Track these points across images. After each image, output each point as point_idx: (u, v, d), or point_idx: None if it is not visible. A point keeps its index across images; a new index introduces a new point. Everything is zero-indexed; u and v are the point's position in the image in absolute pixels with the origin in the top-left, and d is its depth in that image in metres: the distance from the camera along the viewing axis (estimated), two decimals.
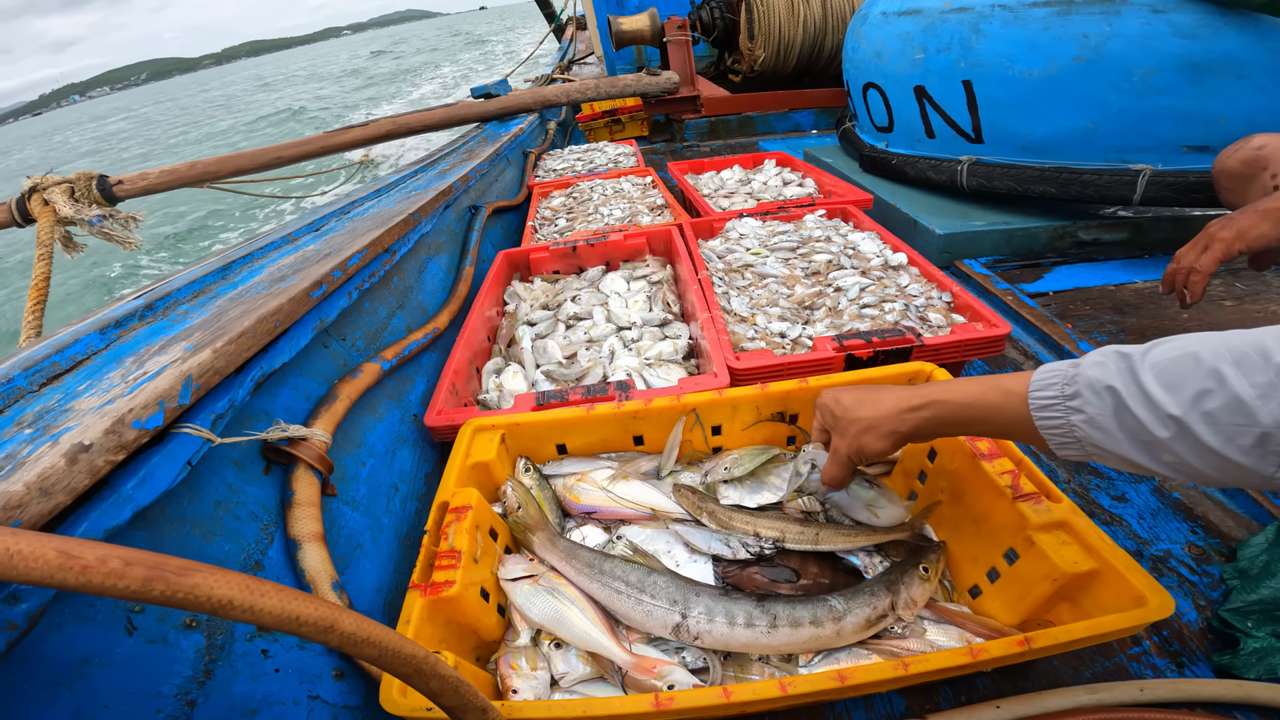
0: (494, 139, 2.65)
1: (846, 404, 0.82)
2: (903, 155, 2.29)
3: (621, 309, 1.49)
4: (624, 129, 4.13)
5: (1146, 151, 1.75)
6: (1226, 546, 0.99)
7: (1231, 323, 1.46)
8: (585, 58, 6.90)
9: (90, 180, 2.52)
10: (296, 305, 0.89)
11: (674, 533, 0.96)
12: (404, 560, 0.99)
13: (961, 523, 0.91)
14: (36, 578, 0.36)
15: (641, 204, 2.12)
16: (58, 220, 2.40)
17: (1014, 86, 1.88)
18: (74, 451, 0.51)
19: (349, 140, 2.93)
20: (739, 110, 4.04)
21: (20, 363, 0.75)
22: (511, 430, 1.03)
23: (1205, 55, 1.63)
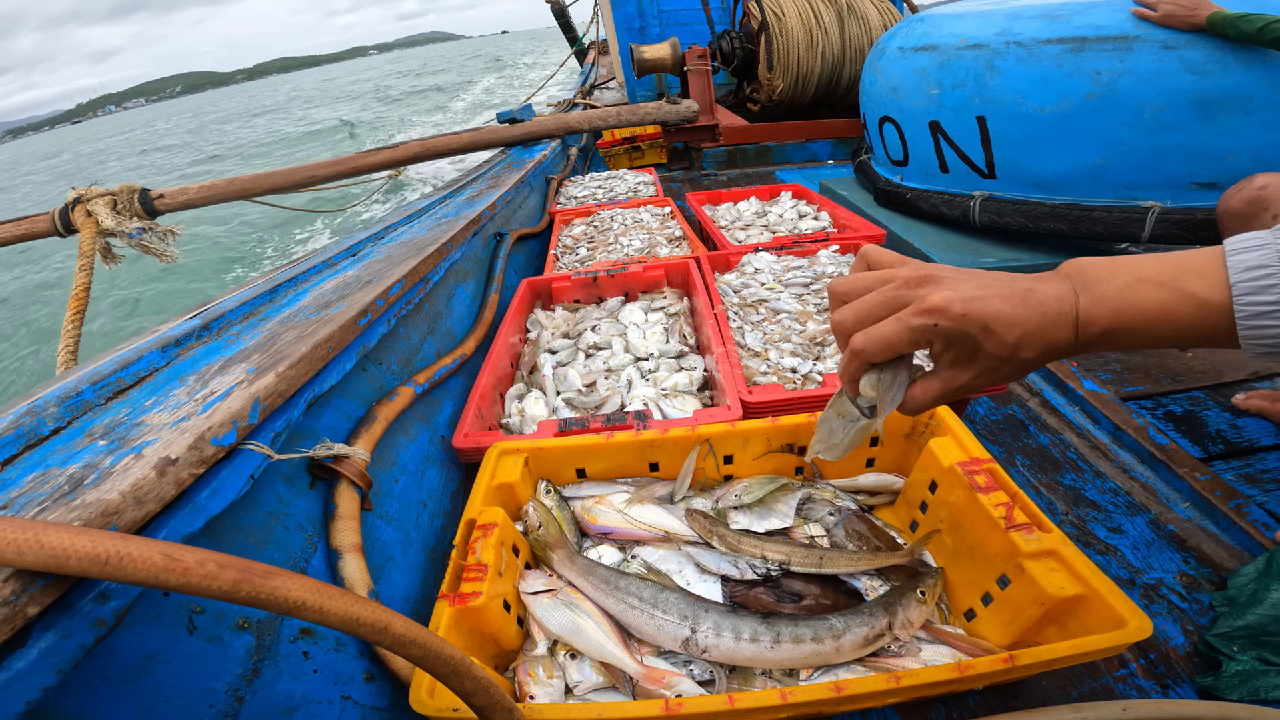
0: (519, 165, 2.73)
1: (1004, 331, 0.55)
2: (917, 190, 2.34)
3: (640, 340, 1.55)
4: (643, 156, 4.21)
5: (1156, 188, 1.80)
6: (1217, 576, 1.03)
7: (1237, 362, 1.51)
8: (607, 82, 7.03)
9: (133, 193, 2.60)
10: (346, 333, 0.96)
11: (685, 554, 1.02)
12: (429, 572, 1.06)
13: (959, 550, 0.96)
14: (143, 578, 0.42)
15: (660, 235, 2.19)
16: (99, 232, 2.47)
17: (1027, 123, 1.92)
18: (162, 465, 0.58)
19: (379, 161, 3.03)
20: (756, 140, 4.11)
21: (89, 377, 0.82)
22: (534, 454, 1.10)
23: (1215, 91, 1.67)
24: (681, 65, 4.26)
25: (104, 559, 0.41)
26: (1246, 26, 1.59)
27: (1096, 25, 1.80)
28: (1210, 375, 1.47)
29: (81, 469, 0.62)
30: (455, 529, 1.15)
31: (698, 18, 5.25)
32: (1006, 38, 1.94)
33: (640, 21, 5.63)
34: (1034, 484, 1.24)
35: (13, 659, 0.47)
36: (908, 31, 2.32)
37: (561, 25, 10.13)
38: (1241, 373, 1.47)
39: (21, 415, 0.73)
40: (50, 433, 0.74)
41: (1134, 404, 1.39)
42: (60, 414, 0.76)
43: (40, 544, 0.41)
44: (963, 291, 0.56)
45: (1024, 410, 1.45)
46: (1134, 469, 1.25)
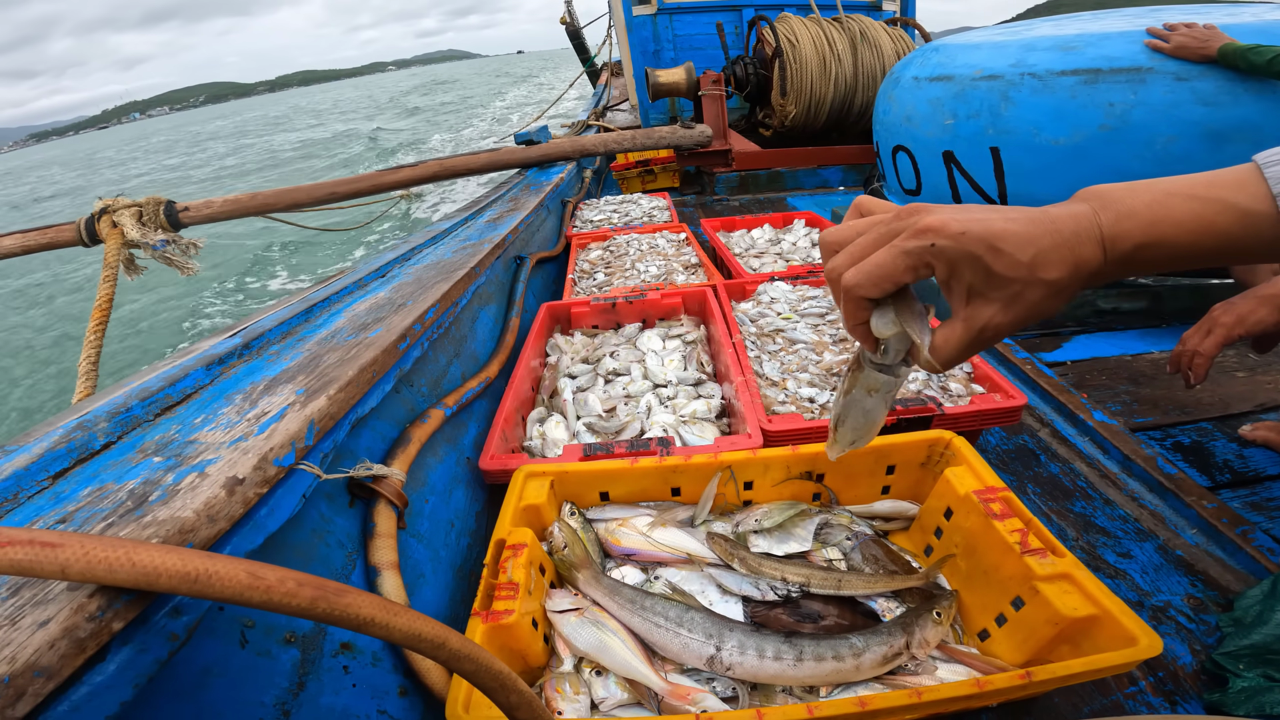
0: (536, 188, 2.79)
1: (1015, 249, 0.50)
2: None
3: (658, 367, 1.59)
4: (656, 179, 4.28)
5: None
6: (1224, 598, 1.06)
7: (1243, 394, 1.54)
8: (619, 104, 7.11)
9: (159, 205, 2.63)
10: (388, 357, 1.01)
11: (707, 575, 1.05)
12: (457, 590, 1.09)
13: (973, 574, 0.99)
14: (229, 595, 0.46)
15: (676, 261, 2.23)
16: (124, 243, 2.49)
17: (1041, 154, 1.94)
18: (230, 484, 0.62)
19: (399, 179, 3.09)
20: (769, 165, 4.17)
21: (137, 393, 0.86)
22: (560, 477, 1.13)
23: (1225, 122, 1.69)
24: (696, 90, 4.34)
25: (194, 577, 0.45)
26: (1257, 58, 1.61)
27: (1110, 57, 1.82)
28: (1218, 407, 1.50)
29: (142, 485, 0.65)
30: (480, 547, 1.19)
31: (712, 42, 5.35)
32: (1021, 69, 1.96)
33: (655, 45, 5.72)
34: (1045, 511, 1.27)
35: (92, 673, 0.49)
36: (922, 61, 2.35)
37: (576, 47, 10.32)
38: (1248, 405, 1.50)
39: (72, 429, 0.77)
40: (101, 447, 0.77)
41: (1143, 434, 1.43)
42: (110, 429, 0.80)
43: (132, 562, 0.44)
44: (961, 214, 0.51)
45: (1035, 440, 1.48)
46: (1143, 497, 1.27)
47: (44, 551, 0.41)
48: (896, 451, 1.14)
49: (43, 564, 0.41)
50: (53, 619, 0.46)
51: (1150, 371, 1.67)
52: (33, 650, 0.44)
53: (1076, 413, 1.48)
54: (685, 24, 5.67)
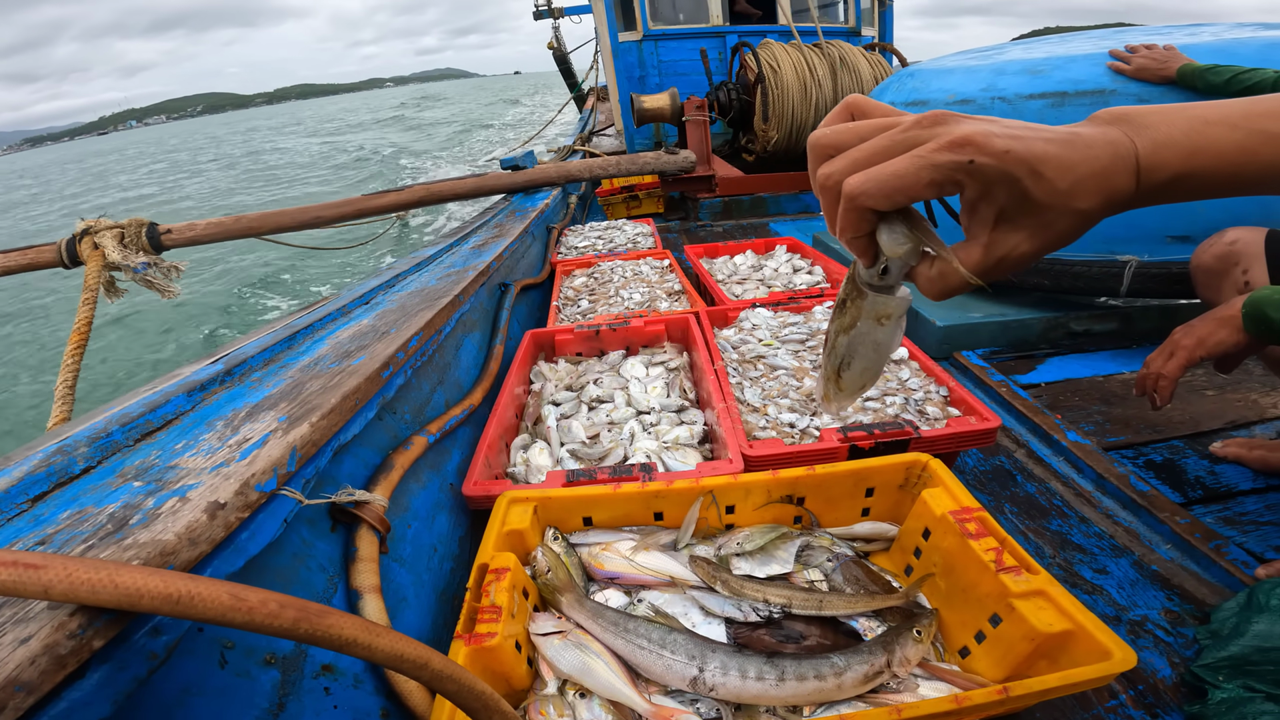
0: (522, 214, 2.81)
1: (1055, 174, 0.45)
2: None
3: (641, 394, 1.60)
4: (641, 205, 4.34)
5: (1133, 242, 1.85)
6: (1200, 611, 1.09)
7: (1214, 412, 1.57)
8: (605, 129, 7.19)
9: (141, 227, 2.61)
10: (370, 385, 1.02)
11: (690, 597, 1.06)
12: (440, 613, 1.09)
13: (952, 592, 1.00)
14: (212, 615, 0.46)
15: (660, 288, 2.26)
16: (104, 265, 2.46)
17: None
18: (212, 508, 0.63)
19: (384, 204, 3.10)
20: (752, 190, 4.23)
21: (118, 419, 0.86)
22: (543, 503, 1.14)
23: None
24: (680, 116, 4.40)
25: (175, 598, 0.45)
26: (1215, 78, 1.65)
27: (1076, 80, 1.86)
28: (1189, 425, 1.53)
29: (122, 509, 0.66)
30: (464, 572, 1.19)
31: (696, 68, 5.42)
32: (992, 93, 2.00)
33: (640, 71, 5.81)
34: (1022, 530, 1.29)
35: (71, 690, 0.50)
36: (898, 87, 2.39)
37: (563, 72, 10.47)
38: (1218, 422, 1.53)
39: (52, 454, 0.77)
40: (81, 471, 0.78)
41: (1116, 453, 1.45)
42: (90, 454, 0.80)
43: (115, 583, 0.45)
44: (998, 128, 0.45)
45: (1011, 461, 1.51)
46: (1117, 514, 1.30)
47: (27, 572, 0.42)
48: (875, 474, 1.16)
49: (26, 584, 0.42)
50: (34, 636, 0.46)
51: (1122, 392, 1.70)
52: (14, 666, 0.44)
53: (1051, 433, 1.51)
54: (670, 50, 5.78)
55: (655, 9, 5.69)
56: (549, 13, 9.48)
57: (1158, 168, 0.46)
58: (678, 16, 5.83)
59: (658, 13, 5.72)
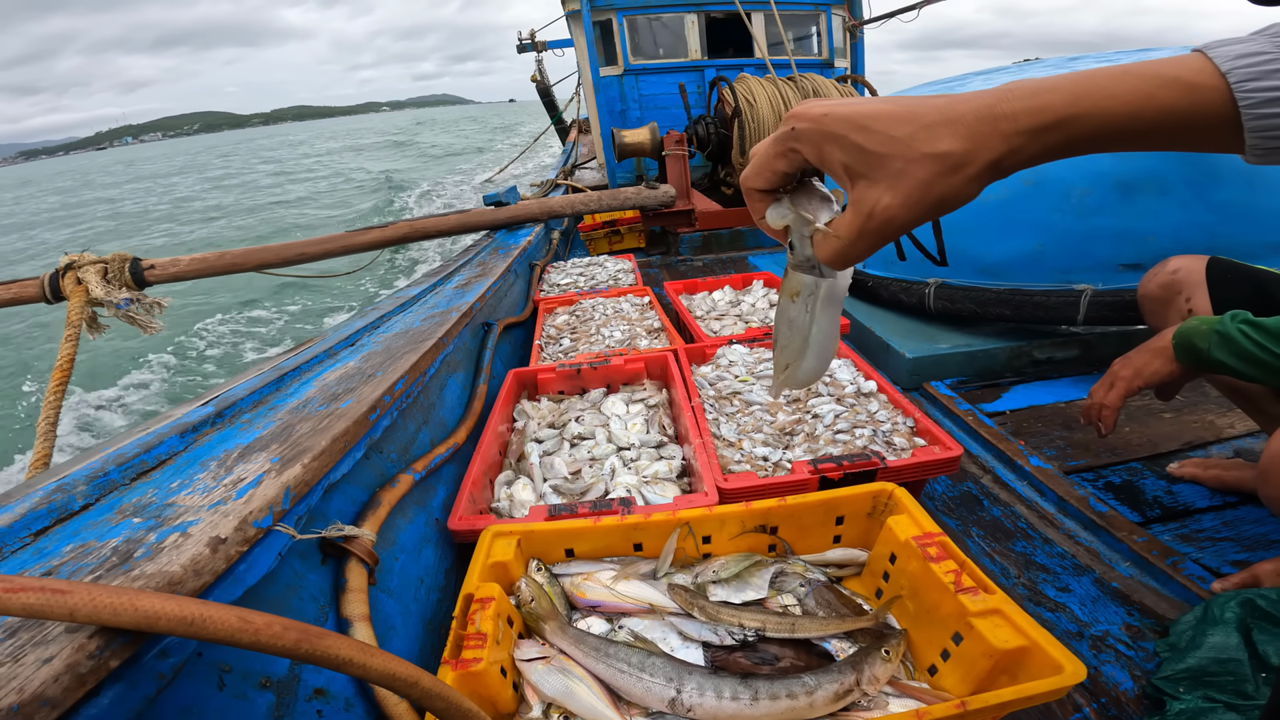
0: (505, 251, 2.86)
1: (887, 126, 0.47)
2: (877, 277, 2.48)
3: (621, 430, 1.65)
4: (622, 239, 4.42)
5: (1088, 271, 1.92)
6: (1160, 625, 1.14)
7: (1170, 434, 1.65)
8: (587, 162, 7.30)
9: (124, 262, 2.59)
10: (359, 428, 1.06)
11: (669, 623, 1.09)
12: (427, 641, 1.13)
13: (919, 613, 1.05)
14: (222, 636, 0.51)
15: (640, 326, 2.32)
16: (87, 300, 2.43)
17: (973, 210, 1.97)
18: (214, 543, 0.67)
19: (369, 241, 3.12)
20: (730, 224, 4.32)
21: (114, 459, 0.90)
22: (526, 536, 1.18)
23: (1132, 173, 1.79)
24: (660, 150, 4.49)
25: (190, 620, 0.50)
26: None
27: None
28: (1146, 447, 1.60)
29: (125, 543, 0.70)
30: (450, 602, 1.23)
31: (676, 102, 5.55)
32: None
33: (621, 105, 5.94)
34: (989, 552, 1.34)
35: (89, 706, 0.54)
36: None
37: (545, 104, 10.64)
38: (1175, 444, 1.60)
39: (52, 491, 0.81)
40: (80, 508, 0.82)
41: (1076, 476, 1.52)
42: (89, 491, 0.84)
43: (135, 607, 0.49)
44: (834, 101, 0.49)
45: (978, 486, 1.57)
46: (1078, 535, 1.36)
47: (54, 597, 0.46)
48: (844, 504, 1.21)
49: (53, 608, 0.46)
50: (56, 656, 0.50)
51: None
52: (39, 683, 0.48)
53: (1015, 459, 1.58)
54: (650, 84, 5.92)
55: (636, 44, 5.84)
56: (532, 46, 9.68)
57: (1040, 109, 0.46)
58: (657, 51, 5.98)
59: (638, 48, 5.87)
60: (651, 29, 5.92)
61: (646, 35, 5.93)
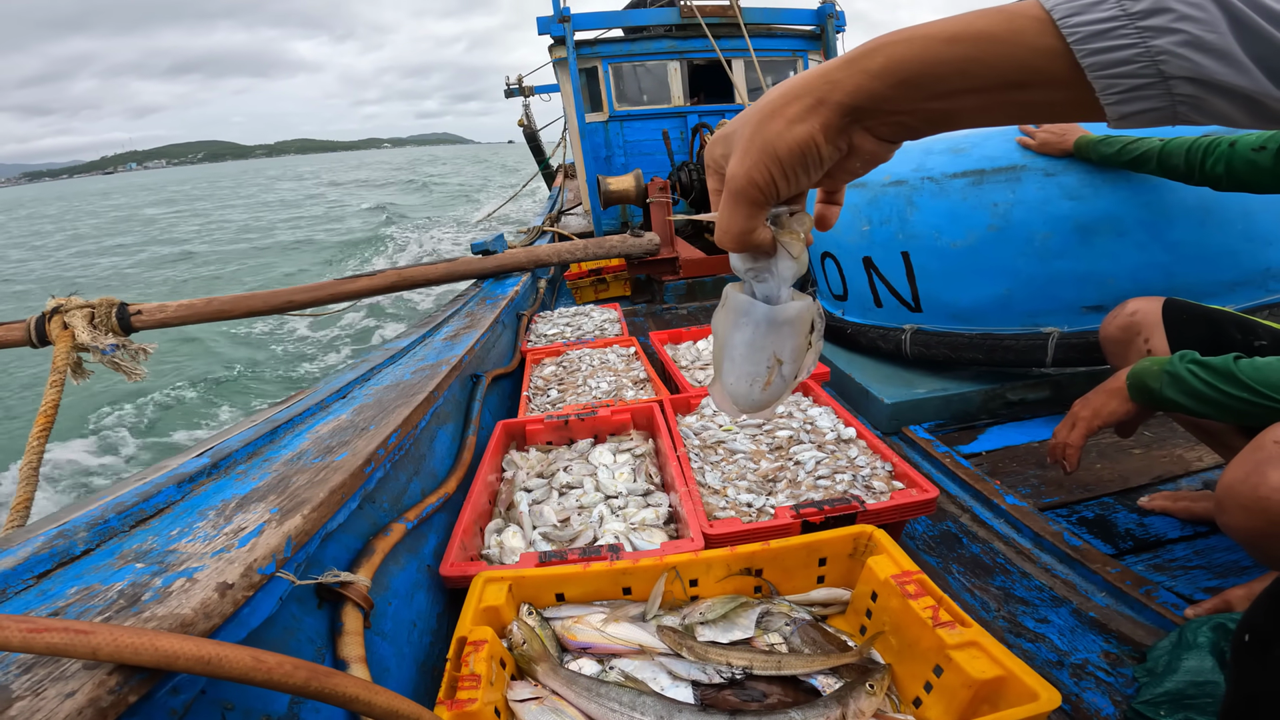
0: (493, 302, 2.90)
1: (745, 115, 0.51)
2: (856, 324, 2.51)
3: (609, 480, 1.68)
4: (608, 288, 4.45)
5: (1054, 314, 1.97)
6: (1137, 652, 1.18)
7: (1140, 469, 1.70)
8: (573, 208, 7.40)
9: (111, 307, 2.56)
10: (355, 480, 1.10)
11: (659, 663, 1.12)
12: (420, 683, 1.16)
13: (901, 648, 1.08)
14: (237, 674, 0.54)
15: (626, 377, 2.37)
16: (73, 346, 2.40)
17: (943, 257, 2.08)
18: (222, 588, 0.71)
19: (357, 289, 3.12)
20: (713, 272, 4.37)
21: (113, 506, 0.93)
22: (517, 582, 1.21)
23: (1090, 216, 1.83)
24: (644, 197, 4.55)
25: (207, 659, 0.53)
26: (1106, 149, 1.75)
27: (991, 157, 1.97)
28: (1117, 482, 1.66)
29: (130, 587, 0.73)
30: (443, 645, 1.25)
31: (660, 147, 5.66)
32: (922, 173, 2.09)
33: (607, 151, 6.05)
34: (969, 587, 1.38)
35: None
36: None
37: (532, 149, 10.77)
38: (1145, 478, 1.66)
39: (53, 537, 0.84)
40: (81, 553, 0.85)
41: (1051, 513, 1.57)
42: (90, 538, 0.87)
43: (155, 646, 0.53)
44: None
45: (957, 525, 1.61)
46: (1054, 568, 1.40)
47: (78, 637, 0.50)
48: (826, 546, 1.25)
49: (76, 647, 0.50)
50: (78, 691, 0.53)
51: None
52: (63, 715, 0.51)
53: (991, 498, 1.62)
54: (634, 130, 6.04)
55: (620, 90, 5.98)
56: (519, 91, 9.83)
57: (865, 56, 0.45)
58: (642, 97, 6.13)
59: (623, 94, 6.00)
60: (636, 75, 6.08)
61: (631, 82, 6.09)
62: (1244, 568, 1.33)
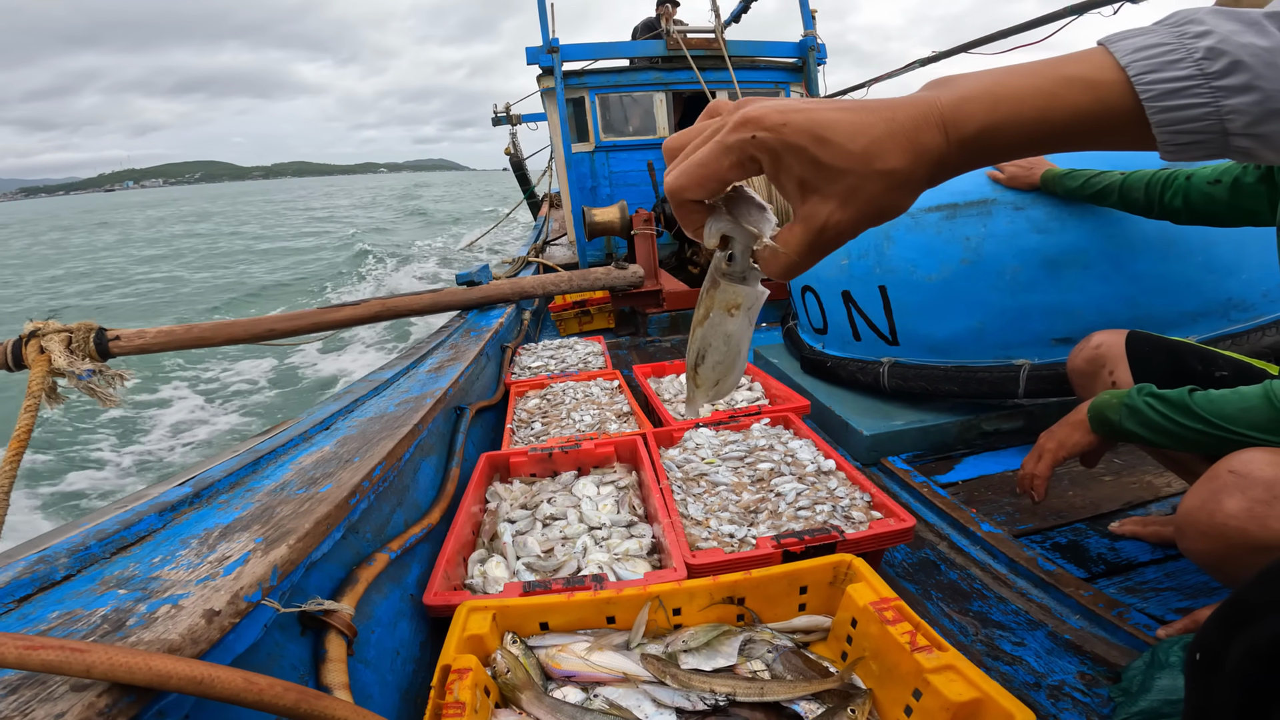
0: (477, 334, 2.91)
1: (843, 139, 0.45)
2: (836, 358, 2.54)
3: (593, 511, 1.70)
4: (592, 320, 4.46)
5: (1025, 346, 2.00)
6: (1112, 672, 1.21)
7: (1111, 495, 1.74)
8: (558, 239, 7.38)
9: (90, 332, 2.50)
10: (339, 511, 1.12)
11: (643, 691, 1.13)
12: (403, 710, 1.16)
13: (881, 673, 1.10)
14: (229, 695, 0.56)
15: (609, 410, 2.39)
16: (49, 371, 2.33)
17: (919, 290, 2.12)
18: (209, 614, 0.72)
19: (340, 319, 3.10)
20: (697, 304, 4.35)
21: (95, 533, 0.94)
22: (502, 611, 1.21)
23: (1057, 249, 1.87)
24: (629, 229, 4.58)
25: (200, 679, 0.55)
26: (1071, 183, 1.79)
27: (964, 190, 2.01)
28: (1089, 509, 1.70)
29: (114, 612, 0.74)
30: (425, 674, 1.26)
31: (645, 178, 5.70)
32: None
33: (592, 181, 6.09)
34: (948, 613, 1.40)
35: None
36: None
37: (518, 177, 10.76)
38: (1116, 504, 1.70)
39: (34, 562, 0.85)
40: (62, 578, 0.86)
41: (1025, 539, 1.61)
42: (71, 564, 0.88)
43: (149, 666, 0.54)
44: (785, 104, 0.46)
45: (935, 553, 1.64)
46: (1030, 592, 1.43)
47: (74, 655, 0.51)
48: (807, 575, 1.27)
49: (71, 664, 0.51)
50: (68, 712, 0.54)
51: None
52: None
53: (968, 526, 1.66)
54: (620, 161, 6.08)
55: (607, 121, 6.04)
56: (507, 119, 9.90)
57: (964, 119, 0.46)
58: (628, 128, 6.18)
59: (609, 124, 6.06)
60: (623, 105, 6.14)
61: (618, 112, 6.15)
62: (1213, 589, 1.37)
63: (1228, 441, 1.10)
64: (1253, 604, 0.61)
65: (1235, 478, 1.02)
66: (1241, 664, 0.58)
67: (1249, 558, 0.99)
